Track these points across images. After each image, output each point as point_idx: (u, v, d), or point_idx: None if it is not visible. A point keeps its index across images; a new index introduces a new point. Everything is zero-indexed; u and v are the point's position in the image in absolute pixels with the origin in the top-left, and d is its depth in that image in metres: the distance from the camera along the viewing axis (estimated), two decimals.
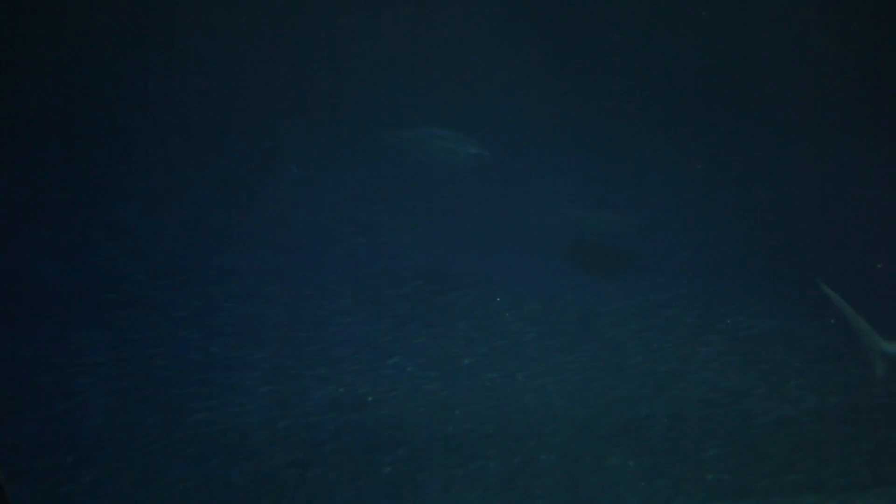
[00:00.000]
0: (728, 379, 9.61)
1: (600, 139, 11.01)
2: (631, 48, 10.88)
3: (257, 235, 10.08)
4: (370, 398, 8.87)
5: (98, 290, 8.97)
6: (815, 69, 10.49)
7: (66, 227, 9.39)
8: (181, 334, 8.85)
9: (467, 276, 10.33)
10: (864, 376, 9.21)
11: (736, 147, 11.06)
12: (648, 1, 10.84)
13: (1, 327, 8.67)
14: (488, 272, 10.42)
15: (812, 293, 8.70)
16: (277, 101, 10.47)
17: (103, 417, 8.08)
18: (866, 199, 10.53)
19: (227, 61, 10.15)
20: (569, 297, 10.30)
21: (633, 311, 10.16)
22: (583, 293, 10.36)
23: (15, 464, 7.45)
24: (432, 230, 10.67)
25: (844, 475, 8.54)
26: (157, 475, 7.86)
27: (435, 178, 10.55)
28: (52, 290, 8.93)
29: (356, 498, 8.06)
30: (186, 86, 10.10)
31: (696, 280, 10.61)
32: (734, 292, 10.47)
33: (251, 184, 10.34)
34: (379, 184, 10.55)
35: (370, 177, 10.57)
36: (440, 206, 10.75)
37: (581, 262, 10.78)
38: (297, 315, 9.50)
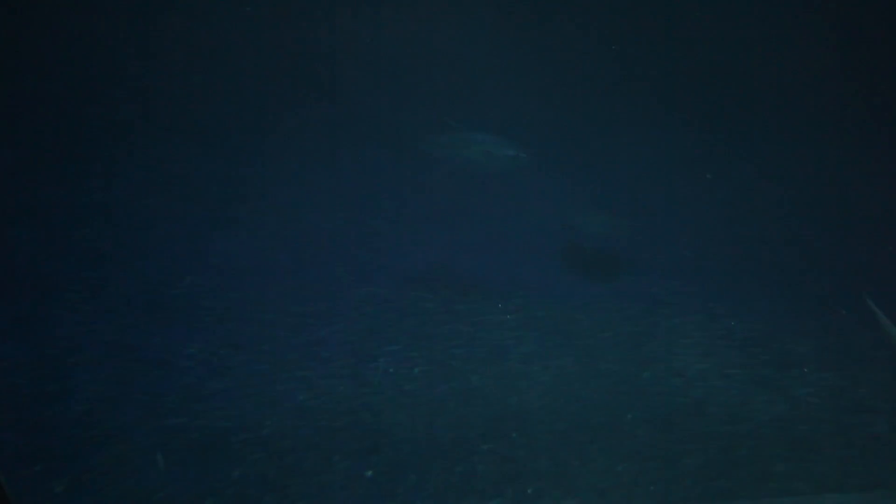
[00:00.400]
0: (713, 383, 9.62)
1: (600, 142, 10.99)
2: (638, 51, 10.90)
3: (240, 238, 9.85)
4: (353, 402, 8.64)
5: (68, 292, 8.63)
6: (808, 71, 10.59)
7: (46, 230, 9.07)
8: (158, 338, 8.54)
9: (455, 278, 10.19)
10: (849, 378, 9.32)
11: (731, 150, 11.12)
12: (653, 7, 10.87)
13: None
14: (477, 274, 10.30)
15: (803, 297, 8.71)
16: (306, 105, 10.31)
17: (74, 424, 7.69)
18: (859, 202, 10.64)
19: (258, 63, 10.00)
20: (556, 299, 10.21)
21: (619, 314, 10.11)
22: (570, 296, 10.28)
23: None
24: (420, 232, 10.54)
25: (830, 478, 8.51)
26: (132, 485, 7.46)
27: (429, 179, 10.44)
28: (24, 292, 8.57)
29: None
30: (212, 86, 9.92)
31: (683, 283, 10.61)
32: (722, 296, 10.49)
33: (248, 185, 10.13)
34: (368, 186, 10.40)
35: (360, 180, 10.42)
36: (431, 207, 10.62)
37: (572, 265, 10.71)
38: (277, 318, 9.27)
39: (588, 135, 11.13)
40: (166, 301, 8.97)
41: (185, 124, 10.13)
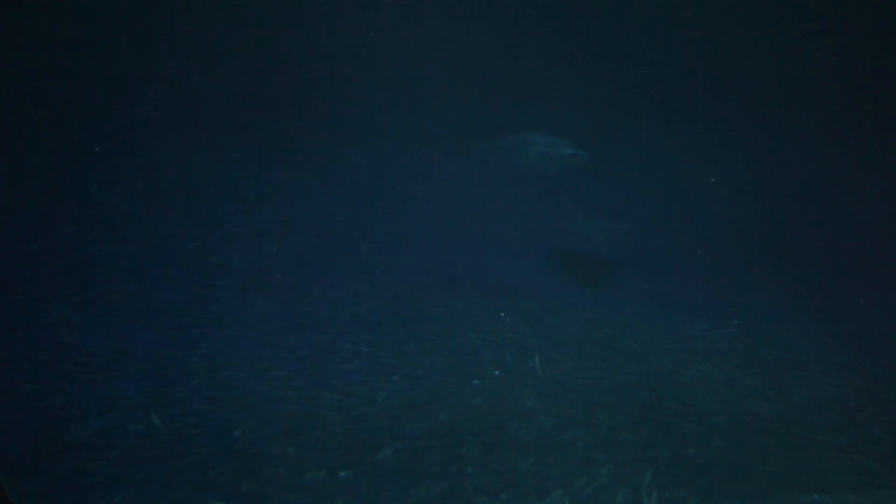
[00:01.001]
0: (697, 386, 9.45)
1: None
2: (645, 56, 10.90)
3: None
4: (328, 406, 8.29)
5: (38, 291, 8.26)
6: (805, 73, 10.62)
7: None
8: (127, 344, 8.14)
9: (444, 278, 10.04)
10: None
11: (728, 157, 11.14)
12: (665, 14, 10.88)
13: None
14: (466, 275, 10.16)
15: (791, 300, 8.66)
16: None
17: (31, 434, 7.21)
18: (849, 211, 10.68)
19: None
20: (538, 301, 10.07)
21: (603, 318, 9.99)
22: (552, 298, 10.16)
23: None
24: (413, 232, 10.41)
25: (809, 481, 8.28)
26: (94, 500, 6.97)
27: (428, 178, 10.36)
28: None
29: None
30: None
31: (670, 286, 10.58)
32: (710, 298, 10.47)
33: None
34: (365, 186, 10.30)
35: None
36: (425, 207, 10.53)
37: (560, 269, 10.60)
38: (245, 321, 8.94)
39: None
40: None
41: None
